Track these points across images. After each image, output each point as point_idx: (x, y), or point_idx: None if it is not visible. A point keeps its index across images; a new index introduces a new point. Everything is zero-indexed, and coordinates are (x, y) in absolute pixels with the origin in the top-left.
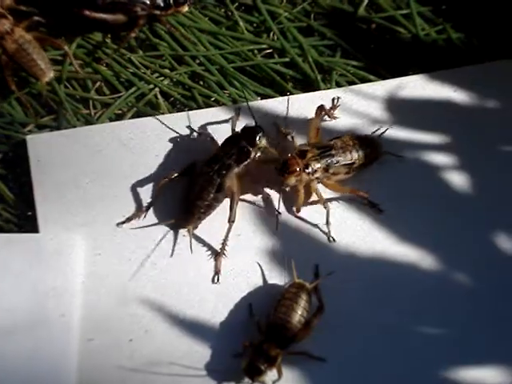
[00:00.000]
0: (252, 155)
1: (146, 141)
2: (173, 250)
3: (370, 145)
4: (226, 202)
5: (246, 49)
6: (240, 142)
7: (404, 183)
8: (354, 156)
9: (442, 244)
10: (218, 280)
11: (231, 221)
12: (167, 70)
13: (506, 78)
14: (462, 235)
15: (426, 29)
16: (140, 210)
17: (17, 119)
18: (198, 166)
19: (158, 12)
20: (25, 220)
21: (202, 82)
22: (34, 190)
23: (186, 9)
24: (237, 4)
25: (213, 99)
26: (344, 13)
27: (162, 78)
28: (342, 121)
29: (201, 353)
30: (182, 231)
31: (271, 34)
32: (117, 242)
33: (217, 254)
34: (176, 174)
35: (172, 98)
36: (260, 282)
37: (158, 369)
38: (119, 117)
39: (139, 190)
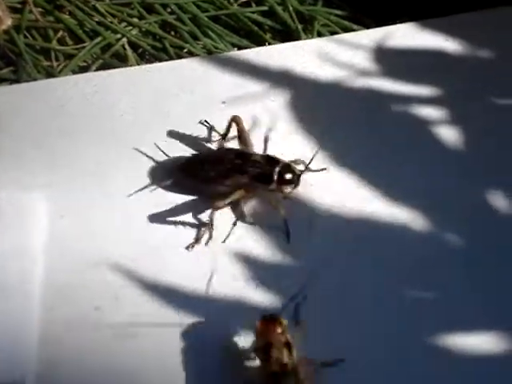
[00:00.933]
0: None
1: (113, 95)
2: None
3: None
4: None
5: None
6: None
7: (393, 139)
8: None
9: (433, 203)
10: (192, 247)
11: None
12: (136, 19)
13: (500, 25)
14: (454, 193)
15: None
16: None
17: None
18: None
19: None
20: None
21: (173, 32)
22: None
23: None
24: None
25: (185, 50)
26: None
27: (129, 28)
28: (325, 72)
29: (175, 322)
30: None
31: None
32: (82, 204)
33: (203, 225)
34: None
35: (141, 49)
36: (240, 249)
37: (127, 339)
38: (83, 69)
39: (105, 146)
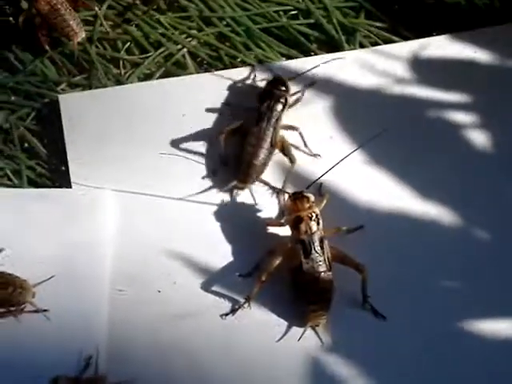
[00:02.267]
0: (289, 98)
1: (174, 100)
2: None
3: None
4: None
5: (272, 10)
6: (273, 91)
7: (425, 141)
8: None
9: (462, 202)
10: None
11: (292, 162)
12: (195, 31)
13: None
14: (481, 193)
15: None
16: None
17: (50, 78)
18: (245, 127)
19: None
20: (58, 175)
21: (228, 43)
22: (66, 147)
23: None
24: None
25: (239, 59)
26: None
27: (189, 39)
28: (366, 80)
29: (228, 303)
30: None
31: None
32: (147, 199)
33: (278, 192)
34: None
35: (199, 58)
36: None
37: (186, 320)
38: (148, 76)
39: (168, 146)
